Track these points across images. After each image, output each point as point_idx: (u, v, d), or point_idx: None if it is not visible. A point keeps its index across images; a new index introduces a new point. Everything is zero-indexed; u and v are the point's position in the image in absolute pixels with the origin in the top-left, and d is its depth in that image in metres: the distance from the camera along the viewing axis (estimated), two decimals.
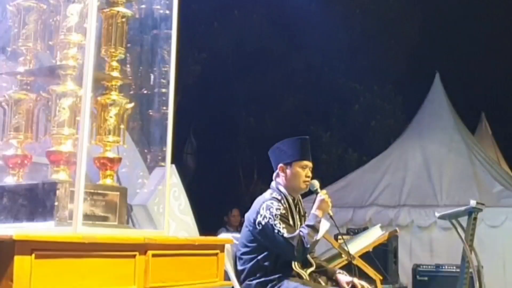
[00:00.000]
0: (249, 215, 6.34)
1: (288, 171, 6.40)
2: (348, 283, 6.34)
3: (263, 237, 6.18)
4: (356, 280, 6.38)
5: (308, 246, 6.01)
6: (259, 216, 6.19)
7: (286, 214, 6.23)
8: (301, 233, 6.05)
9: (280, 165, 6.43)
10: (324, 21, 21.24)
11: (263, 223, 6.15)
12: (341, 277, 6.45)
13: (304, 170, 6.39)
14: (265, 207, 6.19)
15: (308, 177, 6.41)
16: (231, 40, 21.90)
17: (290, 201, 6.39)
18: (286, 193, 6.38)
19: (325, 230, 6.16)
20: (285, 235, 6.05)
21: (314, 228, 6.05)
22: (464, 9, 26.46)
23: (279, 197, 6.30)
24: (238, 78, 22.31)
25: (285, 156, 6.45)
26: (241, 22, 21.88)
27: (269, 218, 6.14)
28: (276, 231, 6.08)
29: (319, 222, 6.10)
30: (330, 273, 6.55)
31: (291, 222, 6.27)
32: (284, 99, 22.61)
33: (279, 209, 6.18)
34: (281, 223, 6.10)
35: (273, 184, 6.49)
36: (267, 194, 6.37)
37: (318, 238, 6.06)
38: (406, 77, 23.35)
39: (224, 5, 21.44)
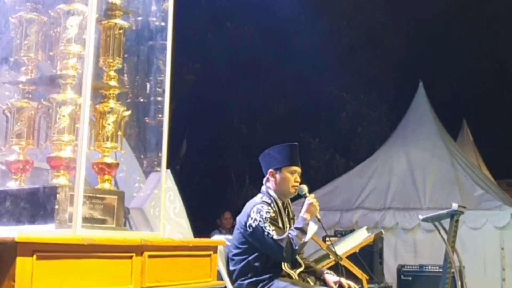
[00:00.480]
0: (240, 218, 6.36)
1: (277, 176, 6.41)
2: (335, 283, 6.35)
3: (254, 239, 6.19)
4: (343, 280, 6.39)
5: (297, 247, 6.01)
6: (250, 219, 6.20)
7: (275, 217, 6.25)
8: (290, 235, 6.06)
9: (270, 170, 6.45)
10: (312, 33, 21.27)
11: (253, 225, 6.16)
12: (329, 277, 6.46)
13: (293, 175, 6.40)
14: (256, 210, 6.21)
15: (297, 182, 6.42)
16: (224, 51, 21.93)
17: (280, 204, 6.40)
18: (276, 197, 6.40)
19: (313, 232, 6.17)
20: (275, 237, 6.06)
21: (303, 231, 6.06)
22: (446, 21, 26.53)
23: (269, 201, 6.32)
24: (231, 87, 22.33)
25: (275, 162, 6.46)
26: (233, 33, 21.93)
27: (260, 221, 6.15)
28: (266, 233, 6.09)
29: (307, 224, 6.11)
30: (318, 273, 6.56)
31: (280, 225, 6.28)
32: (275, 107, 22.64)
33: (269, 212, 6.19)
34: (270, 225, 6.11)
35: (263, 188, 6.51)
36: (257, 198, 6.39)
37: (306, 240, 6.07)
38: (391, 86, 23.38)
39: (217, 17, 21.48)
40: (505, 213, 13.23)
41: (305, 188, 6.42)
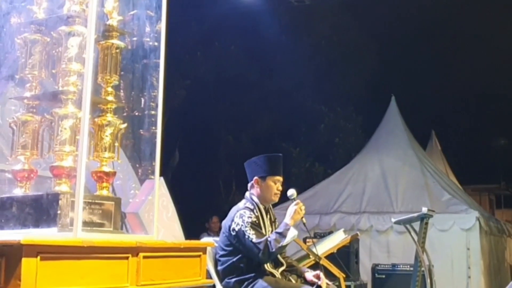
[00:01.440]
0: (225, 223, 6.42)
1: (262, 184, 6.46)
2: (315, 276, 6.39)
3: (237, 241, 6.24)
4: (322, 274, 6.43)
5: (273, 250, 6.04)
6: (233, 223, 6.26)
7: (256, 221, 6.30)
8: (268, 238, 6.10)
9: (255, 178, 6.48)
10: (293, 51, 21.35)
11: (236, 229, 6.22)
12: (308, 274, 6.50)
13: (275, 184, 6.46)
14: (239, 215, 6.27)
15: (279, 190, 6.49)
16: (212, 68, 21.93)
17: (262, 209, 6.45)
18: (258, 202, 6.46)
19: (292, 237, 6.15)
20: (254, 240, 6.11)
21: (282, 235, 6.08)
22: (415, 41, 26.64)
23: (252, 207, 6.37)
24: (218, 101, 22.34)
25: (261, 171, 6.50)
26: (221, 52, 21.94)
27: (241, 225, 6.20)
28: (246, 236, 6.14)
29: (288, 230, 6.12)
30: (299, 272, 6.59)
31: (262, 228, 6.34)
32: (259, 119, 22.64)
33: (251, 217, 6.25)
34: (251, 229, 6.16)
35: (247, 194, 6.55)
36: (241, 204, 6.45)
37: (284, 244, 6.07)
38: (365, 100, 23.43)
39: (206, 38, 21.47)
40: (471, 216, 13.24)
41: (294, 192, 6.44)
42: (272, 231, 6.37)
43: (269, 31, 19.99)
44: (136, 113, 4.73)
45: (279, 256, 6.43)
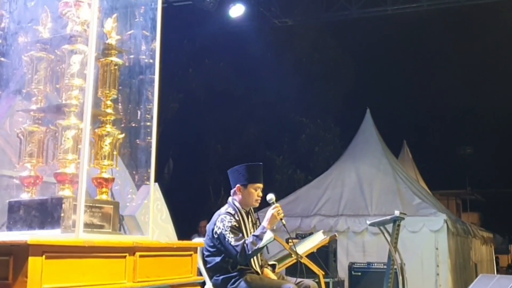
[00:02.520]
0: (209, 226, 6.51)
1: (244, 191, 6.53)
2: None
3: (219, 243, 6.31)
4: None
5: (249, 252, 6.11)
6: (215, 227, 6.34)
7: (237, 225, 6.35)
8: (246, 241, 6.16)
9: (238, 185, 6.54)
10: (277, 67, 21.39)
11: (218, 232, 6.29)
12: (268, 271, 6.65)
13: (256, 191, 6.53)
14: (220, 220, 6.35)
15: (259, 196, 6.57)
16: (203, 83, 21.96)
17: (243, 213, 6.51)
18: (240, 207, 6.51)
19: (268, 240, 6.19)
20: (232, 243, 6.17)
21: (258, 238, 6.15)
22: (389, 58, 26.76)
23: (233, 212, 6.43)
24: (208, 113, 22.36)
25: (243, 179, 6.56)
26: (210, 68, 21.98)
27: (222, 229, 6.27)
28: (226, 239, 6.21)
29: (264, 233, 6.18)
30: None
31: (243, 230, 6.41)
32: (245, 130, 22.67)
33: (231, 221, 6.31)
34: (230, 233, 6.23)
35: (230, 199, 6.62)
36: (223, 209, 6.52)
37: (260, 246, 6.13)
38: (343, 112, 23.53)
39: (197, 55, 21.51)
40: (439, 219, 13.29)
41: (273, 196, 6.46)
42: (253, 232, 6.42)
43: (255, 49, 20.01)
44: (133, 124, 4.73)
45: (257, 257, 6.50)
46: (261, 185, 6.57)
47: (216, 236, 6.31)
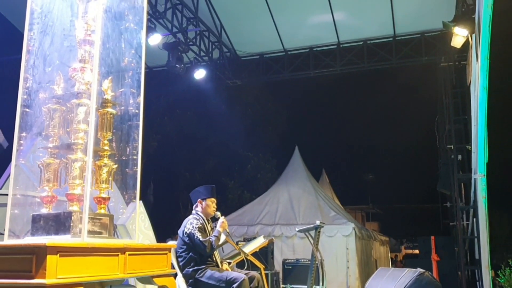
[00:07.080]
0: (180, 230, 6.53)
1: (203, 203, 6.65)
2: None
3: (189, 240, 6.34)
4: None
5: (214, 246, 6.26)
6: (185, 228, 6.41)
7: (202, 227, 6.44)
8: (211, 238, 6.27)
9: (199, 199, 6.67)
10: (229, 114, 21.51)
11: (188, 232, 6.35)
12: (225, 265, 6.72)
13: (212, 203, 6.68)
14: (189, 223, 6.43)
15: (215, 207, 6.70)
16: (175, 127, 21.95)
17: (205, 220, 6.60)
18: (202, 216, 6.61)
19: (223, 239, 6.41)
20: (201, 239, 6.25)
21: (217, 238, 6.31)
22: (313, 109, 27.11)
23: (198, 218, 6.54)
24: (179, 149, 22.35)
25: (202, 195, 6.69)
26: (181, 116, 22.01)
27: (191, 229, 6.34)
28: (195, 236, 6.27)
29: (220, 234, 6.37)
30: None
31: (206, 231, 6.48)
32: (207, 161, 22.65)
33: (198, 224, 6.41)
34: (198, 232, 6.32)
35: (194, 211, 6.71)
36: (190, 217, 6.61)
37: (220, 243, 6.34)
38: (278, 149, 23.68)
39: (171, 106, 21.51)
40: (349, 227, 13.42)
41: (218, 213, 6.68)
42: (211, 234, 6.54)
43: (213, 101, 20.10)
44: (123, 158, 4.69)
45: (217, 254, 6.58)
46: (215, 200, 6.72)
47: (186, 235, 6.35)
